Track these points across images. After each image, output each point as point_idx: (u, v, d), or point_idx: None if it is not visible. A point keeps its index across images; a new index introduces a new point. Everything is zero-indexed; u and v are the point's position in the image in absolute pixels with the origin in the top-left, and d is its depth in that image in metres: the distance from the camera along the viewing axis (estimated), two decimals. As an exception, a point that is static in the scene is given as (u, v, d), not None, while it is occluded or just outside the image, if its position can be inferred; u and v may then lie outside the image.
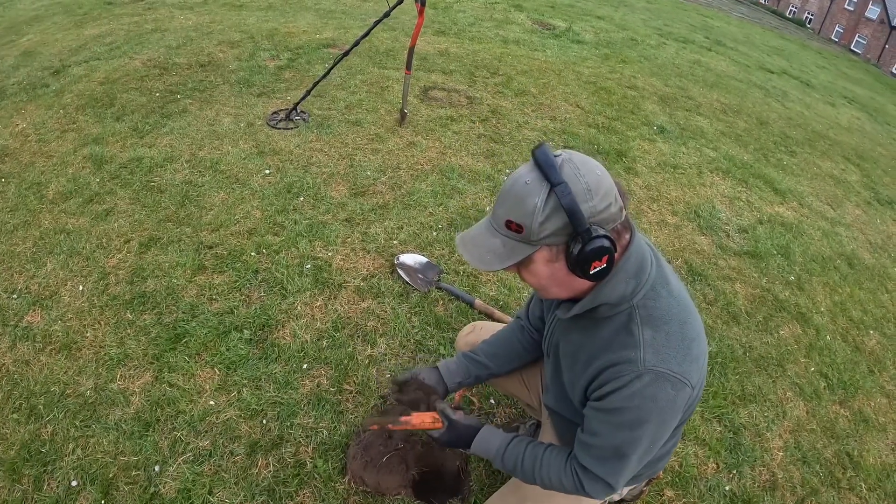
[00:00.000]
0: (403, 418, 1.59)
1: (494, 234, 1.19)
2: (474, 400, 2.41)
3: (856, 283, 4.00)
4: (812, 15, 45.08)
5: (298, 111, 4.47)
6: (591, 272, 1.13)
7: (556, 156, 1.12)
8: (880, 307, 3.85)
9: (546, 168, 1.09)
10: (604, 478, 1.30)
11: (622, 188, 1.18)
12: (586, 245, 1.09)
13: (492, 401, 2.44)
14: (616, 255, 1.15)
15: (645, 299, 1.23)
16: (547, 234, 1.12)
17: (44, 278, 2.86)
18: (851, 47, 39.46)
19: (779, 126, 6.90)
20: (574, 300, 1.29)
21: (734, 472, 2.41)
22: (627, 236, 1.21)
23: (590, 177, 1.10)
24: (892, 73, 34.13)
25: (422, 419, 1.58)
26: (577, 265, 1.12)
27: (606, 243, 1.10)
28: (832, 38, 41.67)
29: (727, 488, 2.33)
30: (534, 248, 1.15)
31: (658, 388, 1.18)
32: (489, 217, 1.23)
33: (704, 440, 2.49)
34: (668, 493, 2.25)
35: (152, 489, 2.01)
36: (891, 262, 4.53)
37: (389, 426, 1.60)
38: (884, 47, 37.18)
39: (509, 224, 1.14)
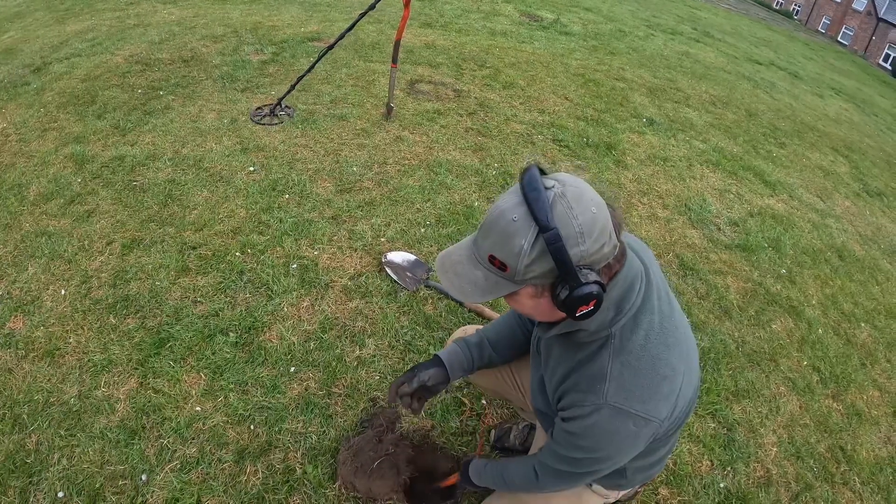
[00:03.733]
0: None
1: (476, 266, 1.11)
2: (465, 401, 2.38)
3: (847, 276, 3.99)
4: (799, 6, 45.19)
5: (283, 106, 4.40)
6: (577, 314, 1.08)
7: (547, 187, 1.02)
8: (871, 299, 3.85)
9: (535, 208, 0.99)
10: (559, 469, 1.35)
11: (618, 217, 1.11)
12: (573, 292, 1.03)
13: (483, 401, 2.41)
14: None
15: (623, 329, 1.19)
16: (532, 276, 1.06)
17: (25, 283, 2.80)
18: (838, 39, 39.62)
19: (767, 118, 6.89)
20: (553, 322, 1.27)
21: (728, 468, 2.39)
22: (618, 266, 1.15)
23: (584, 217, 1.01)
24: (878, 64, 34.31)
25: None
26: (563, 307, 1.07)
27: (595, 289, 1.04)
28: (819, 29, 41.80)
29: (722, 485, 2.31)
30: (518, 287, 1.09)
31: (619, 423, 1.16)
32: (472, 244, 1.14)
33: (698, 437, 2.47)
34: (663, 491, 2.23)
35: (140, 499, 1.96)
36: (881, 253, 4.54)
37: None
38: (870, 39, 37.35)
39: (493, 260, 1.07)
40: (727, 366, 2.88)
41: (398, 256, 3.03)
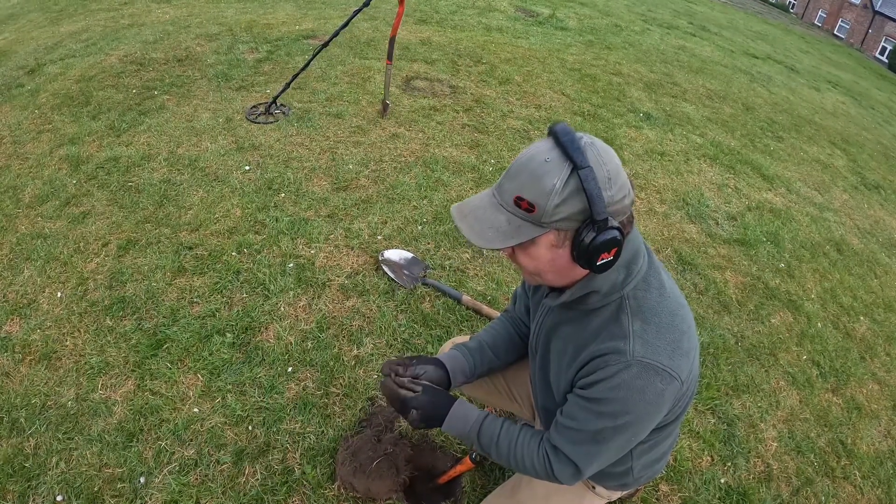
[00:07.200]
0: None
1: (499, 210, 1.11)
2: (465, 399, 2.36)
3: (845, 269, 3.99)
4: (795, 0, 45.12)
5: (278, 104, 4.38)
6: (597, 263, 1.08)
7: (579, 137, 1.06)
8: (870, 293, 3.85)
9: (571, 149, 1.02)
10: (575, 461, 1.25)
11: (631, 181, 1.13)
12: (599, 235, 1.04)
13: (482, 399, 2.40)
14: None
15: (636, 290, 1.19)
16: (560, 218, 1.05)
17: (21, 286, 2.78)
18: (835, 32, 39.53)
19: (765, 111, 6.88)
20: (563, 289, 1.25)
21: (729, 464, 2.39)
22: (629, 228, 1.15)
23: (611, 165, 1.05)
24: (875, 57, 34.26)
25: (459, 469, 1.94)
26: (585, 254, 1.07)
27: (619, 235, 1.05)
28: (815, 22, 41.72)
29: (722, 481, 2.30)
30: (542, 231, 1.08)
31: (646, 380, 1.13)
32: (493, 190, 1.14)
33: (698, 433, 2.46)
34: (664, 487, 2.22)
35: (138, 502, 1.95)
36: (879, 247, 4.53)
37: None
38: (867, 32, 37.28)
39: (519, 202, 1.07)
40: (726, 360, 2.88)
41: (395, 254, 3.01)
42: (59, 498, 1.95)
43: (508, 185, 1.10)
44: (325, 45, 4.12)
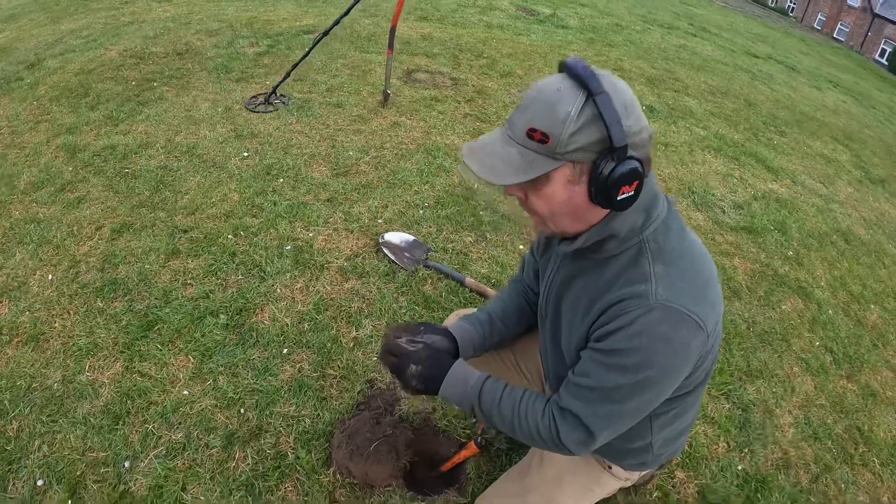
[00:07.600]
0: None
1: (510, 143, 1.02)
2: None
3: (853, 259, 3.90)
4: (794, 3, 45.19)
5: (278, 95, 4.32)
6: (617, 198, 0.99)
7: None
8: (879, 282, 3.76)
9: (586, 76, 0.94)
10: (586, 423, 1.13)
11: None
12: (619, 165, 0.96)
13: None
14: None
15: (656, 233, 1.10)
16: (576, 148, 0.97)
17: (12, 269, 2.70)
18: (834, 35, 39.59)
19: (767, 108, 6.83)
20: (577, 236, 1.14)
21: (745, 450, 2.29)
22: (648, 169, 1.05)
23: (626, 95, 0.98)
24: (875, 59, 34.27)
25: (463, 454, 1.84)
26: (605, 188, 0.98)
27: (639, 166, 0.97)
28: (815, 26, 41.80)
29: (739, 468, 2.21)
30: (557, 164, 0.99)
31: (670, 326, 1.02)
32: (504, 126, 1.06)
33: (713, 418, 2.37)
34: (680, 474, 2.13)
35: (122, 487, 1.86)
36: (886, 238, 4.46)
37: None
38: (866, 35, 37.34)
39: (532, 133, 0.98)
40: (739, 346, 2.79)
41: (396, 237, 2.93)
42: (39, 482, 1.87)
43: (520, 117, 1.01)
44: (326, 33, 4.06)
